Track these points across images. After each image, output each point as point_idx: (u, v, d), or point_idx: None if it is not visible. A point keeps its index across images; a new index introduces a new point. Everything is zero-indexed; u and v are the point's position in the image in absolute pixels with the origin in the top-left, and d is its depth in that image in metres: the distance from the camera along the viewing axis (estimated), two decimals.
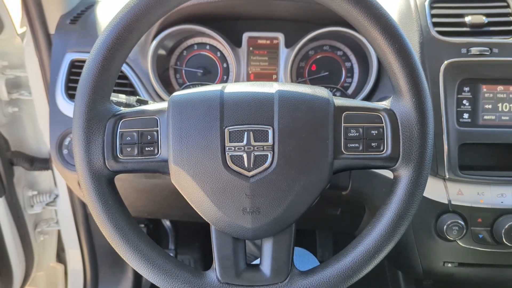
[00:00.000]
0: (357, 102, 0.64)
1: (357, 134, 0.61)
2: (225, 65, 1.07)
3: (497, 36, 0.90)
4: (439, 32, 0.91)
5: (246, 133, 0.59)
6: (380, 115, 0.62)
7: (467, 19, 0.91)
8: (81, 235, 1.38)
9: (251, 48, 1.05)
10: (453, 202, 0.90)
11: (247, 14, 1.05)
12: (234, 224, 0.60)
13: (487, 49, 0.88)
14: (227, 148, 0.59)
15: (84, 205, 1.33)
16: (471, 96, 0.90)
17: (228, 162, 0.59)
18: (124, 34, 0.59)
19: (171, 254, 1.57)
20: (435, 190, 0.91)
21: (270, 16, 1.05)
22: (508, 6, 0.93)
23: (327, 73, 1.06)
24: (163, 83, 1.02)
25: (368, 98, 1.00)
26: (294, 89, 0.62)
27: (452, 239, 0.91)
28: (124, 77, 1.01)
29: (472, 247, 0.93)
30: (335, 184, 0.98)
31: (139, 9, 0.59)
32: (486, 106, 0.90)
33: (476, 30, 0.91)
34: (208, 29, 1.01)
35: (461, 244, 0.93)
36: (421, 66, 0.61)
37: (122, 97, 0.84)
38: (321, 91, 0.62)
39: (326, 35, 1.03)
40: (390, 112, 0.62)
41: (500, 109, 0.90)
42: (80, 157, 0.60)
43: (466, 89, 0.89)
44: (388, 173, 0.65)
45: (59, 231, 1.47)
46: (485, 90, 0.90)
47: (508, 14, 0.92)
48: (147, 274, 0.61)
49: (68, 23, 1.08)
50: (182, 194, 0.62)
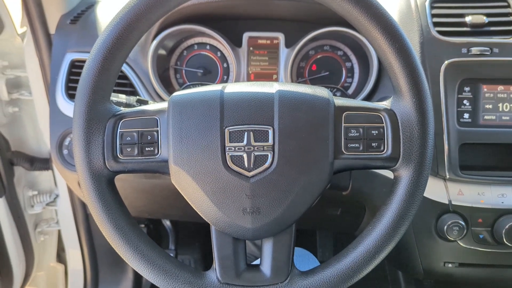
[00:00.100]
0: (358, 102, 0.64)
1: (358, 134, 0.61)
2: (225, 65, 1.07)
3: (498, 36, 0.90)
4: (440, 32, 0.91)
5: (246, 133, 0.59)
6: (381, 115, 0.62)
7: (468, 19, 0.91)
8: (81, 235, 1.38)
9: (251, 48, 1.04)
10: (454, 202, 0.90)
11: (248, 14, 1.05)
12: (234, 224, 0.60)
13: (488, 49, 0.88)
14: (227, 148, 0.59)
15: (84, 205, 1.33)
16: (472, 96, 0.90)
17: (228, 162, 0.59)
18: (124, 34, 0.59)
19: (171, 254, 1.57)
20: (436, 190, 0.91)
21: (271, 16, 1.05)
22: (509, 6, 0.93)
23: (328, 73, 1.06)
24: (163, 83, 1.02)
25: (369, 98, 1.00)
26: (294, 89, 0.62)
27: (453, 239, 0.91)
28: (124, 77, 1.01)
29: (473, 247, 0.93)
30: (336, 184, 0.98)
31: (139, 9, 0.59)
32: (487, 106, 0.90)
33: (477, 30, 0.91)
34: (209, 29, 1.01)
35: (462, 244, 0.93)
36: (422, 66, 0.60)
37: (122, 97, 0.84)
38: (322, 91, 0.62)
39: (327, 35, 1.02)
40: (391, 112, 0.62)
41: (501, 109, 0.90)
42: (80, 157, 0.60)
43: (467, 89, 0.89)
44: (389, 173, 0.64)
45: (59, 231, 1.47)
46: (486, 90, 0.89)
47: (509, 14, 0.92)
48: (147, 274, 0.61)
49: (69, 23, 1.08)
50: (182, 194, 0.62)
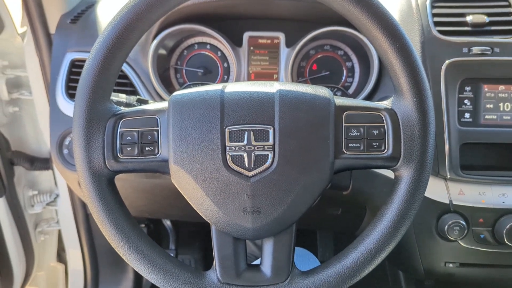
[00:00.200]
0: (358, 102, 0.64)
1: (358, 134, 0.61)
2: (226, 65, 1.07)
3: (499, 36, 0.90)
4: (441, 32, 0.90)
5: (247, 133, 0.59)
6: (381, 115, 0.61)
7: (469, 19, 0.91)
8: (82, 235, 1.38)
9: (252, 48, 1.04)
10: (454, 202, 0.90)
11: (248, 14, 1.05)
12: (235, 224, 0.60)
13: (489, 49, 0.88)
14: (228, 148, 0.59)
15: (85, 205, 1.33)
16: (473, 96, 0.89)
17: (229, 162, 0.59)
18: (125, 34, 0.59)
19: (172, 254, 1.57)
20: (436, 190, 0.90)
21: (271, 16, 1.05)
22: (510, 6, 0.93)
23: (328, 73, 1.05)
24: (164, 83, 1.01)
25: (369, 98, 0.99)
26: (295, 89, 0.62)
27: (454, 239, 0.91)
28: (125, 77, 1.01)
29: (474, 247, 0.92)
30: (336, 184, 0.97)
31: (140, 9, 0.59)
32: (488, 106, 0.89)
33: (478, 30, 0.91)
34: (209, 29, 1.00)
35: (463, 244, 0.93)
36: (423, 66, 0.60)
37: (123, 97, 0.83)
38: (322, 91, 0.62)
39: (327, 35, 1.02)
40: (391, 112, 0.61)
41: (502, 109, 0.89)
42: (80, 157, 0.60)
43: (468, 89, 0.89)
44: (389, 173, 0.64)
45: (60, 231, 1.47)
46: (487, 90, 0.89)
47: (510, 14, 0.92)
48: (147, 274, 0.61)
49: (69, 23, 1.08)
50: (183, 194, 0.62)
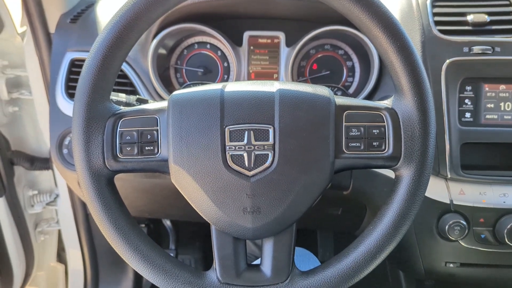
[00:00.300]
0: (358, 101, 0.63)
1: (359, 133, 0.61)
2: (226, 64, 1.07)
3: (499, 35, 0.90)
4: (441, 31, 0.90)
5: (247, 132, 0.59)
6: (382, 114, 0.61)
7: (469, 18, 0.90)
8: (82, 235, 1.38)
9: (252, 47, 1.04)
10: (455, 202, 0.90)
11: (248, 13, 1.04)
12: (235, 224, 0.60)
13: (489, 48, 0.87)
14: (228, 148, 0.59)
15: (85, 205, 1.33)
16: (473, 95, 0.89)
17: (229, 162, 0.59)
18: (124, 33, 0.59)
19: (172, 254, 1.57)
20: (437, 190, 0.90)
21: (271, 15, 1.05)
22: (510, 5, 0.92)
23: (328, 72, 1.05)
24: (164, 82, 1.01)
25: (370, 97, 0.99)
26: (295, 88, 0.61)
27: (454, 239, 0.90)
28: (124, 76, 1.01)
29: (474, 247, 0.92)
30: (336, 184, 0.97)
31: (139, 8, 0.58)
32: (488, 105, 0.89)
33: (478, 29, 0.90)
34: (209, 28, 1.00)
35: (463, 244, 0.92)
36: (423, 65, 0.60)
37: (122, 96, 0.83)
38: (322, 90, 0.62)
39: (327, 34, 1.02)
40: (392, 111, 0.61)
41: (502, 108, 0.89)
42: (80, 157, 0.60)
43: (468, 88, 0.89)
44: (390, 173, 0.64)
45: (60, 231, 1.47)
46: (487, 89, 0.89)
47: (510, 13, 0.92)
48: (147, 274, 0.61)
49: (68, 22, 1.08)
50: (182, 194, 0.61)
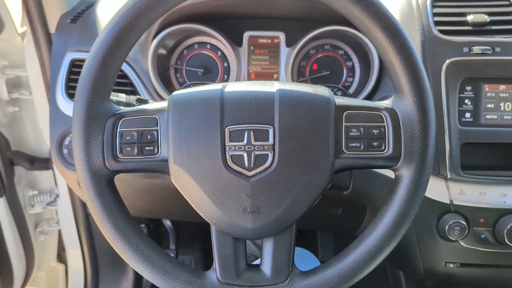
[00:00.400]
0: (358, 101, 0.63)
1: (358, 134, 0.61)
2: (226, 64, 1.07)
3: (499, 35, 0.90)
4: (441, 31, 0.90)
5: (247, 133, 0.59)
6: (382, 114, 0.61)
7: (469, 18, 0.90)
8: (82, 235, 1.38)
9: (252, 47, 1.04)
10: (455, 202, 0.90)
11: (248, 13, 1.04)
12: (235, 224, 0.60)
13: (489, 48, 0.87)
14: (228, 148, 0.59)
15: (85, 205, 1.33)
16: (473, 95, 0.89)
17: (229, 162, 0.59)
18: (124, 33, 0.59)
19: (172, 254, 1.57)
20: (437, 190, 0.90)
21: (271, 15, 1.05)
22: (510, 5, 0.92)
23: (328, 73, 1.05)
24: (164, 83, 1.01)
25: (370, 98, 0.99)
26: (295, 88, 0.61)
27: (454, 239, 0.90)
28: (124, 76, 1.01)
29: (474, 248, 0.92)
30: (336, 184, 0.97)
31: (139, 8, 0.58)
32: (488, 106, 0.89)
33: (478, 29, 0.90)
34: (209, 28, 1.00)
35: (463, 245, 0.92)
36: (423, 65, 0.60)
37: (122, 96, 0.83)
38: (322, 90, 0.62)
39: (327, 34, 1.02)
40: (392, 111, 0.61)
41: (502, 109, 0.89)
42: (80, 157, 0.60)
43: (468, 88, 0.89)
44: (390, 173, 0.64)
45: (60, 231, 1.47)
46: (487, 89, 0.89)
47: (510, 13, 0.92)
48: (147, 274, 0.61)
49: (69, 22, 1.08)
50: (182, 194, 0.61)
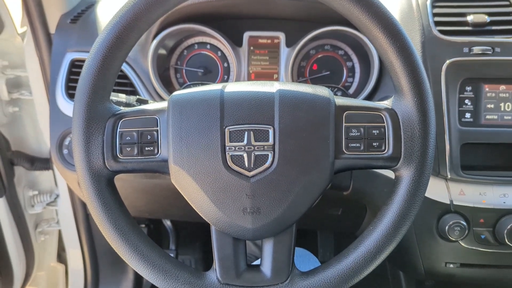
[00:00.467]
0: (358, 102, 0.63)
1: (358, 134, 0.61)
2: (226, 65, 1.07)
3: (499, 35, 0.89)
4: (441, 31, 0.90)
5: (247, 133, 0.59)
6: (382, 115, 0.61)
7: (469, 18, 0.90)
8: (82, 235, 1.38)
9: (252, 48, 1.04)
10: (455, 202, 0.90)
11: (248, 13, 1.04)
12: (235, 224, 0.60)
13: (489, 48, 0.87)
14: (228, 148, 0.59)
15: (85, 205, 1.33)
16: (473, 96, 0.89)
17: (229, 162, 0.59)
18: (124, 33, 0.59)
19: (172, 255, 1.57)
20: (437, 190, 0.90)
21: (271, 15, 1.05)
22: (510, 5, 0.92)
23: (328, 73, 1.05)
24: (164, 83, 1.01)
25: (370, 98, 0.99)
26: (295, 89, 0.61)
27: (454, 240, 0.90)
28: (124, 77, 1.01)
29: (474, 248, 0.92)
30: (336, 184, 0.97)
31: (139, 8, 0.58)
32: (488, 106, 0.89)
33: (478, 29, 0.90)
34: (209, 29, 1.00)
35: (463, 245, 0.92)
36: (423, 65, 0.60)
37: (122, 97, 0.83)
38: (322, 91, 0.62)
39: (327, 34, 1.02)
40: (392, 112, 0.61)
41: (503, 109, 0.89)
42: (80, 157, 0.60)
43: (468, 89, 0.89)
44: (390, 173, 0.64)
45: (60, 231, 1.47)
46: (487, 90, 0.89)
47: (511, 13, 0.92)
48: (147, 275, 0.61)
49: (69, 23, 1.08)
50: (182, 194, 0.62)
